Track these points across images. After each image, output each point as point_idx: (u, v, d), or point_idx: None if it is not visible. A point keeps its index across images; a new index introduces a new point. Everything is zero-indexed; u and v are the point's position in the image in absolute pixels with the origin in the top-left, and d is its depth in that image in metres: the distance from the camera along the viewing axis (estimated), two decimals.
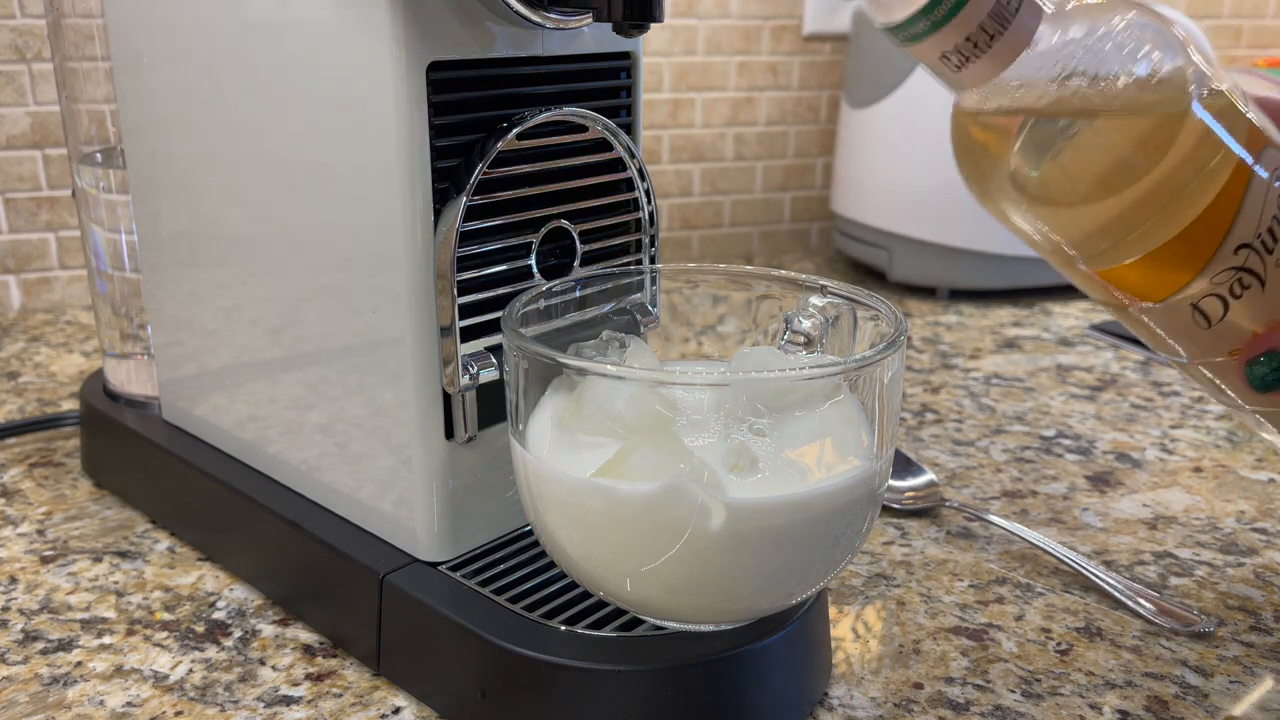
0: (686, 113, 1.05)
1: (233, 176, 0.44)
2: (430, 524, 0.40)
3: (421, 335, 0.38)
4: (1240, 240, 0.34)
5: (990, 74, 0.32)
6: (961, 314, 0.90)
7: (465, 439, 0.40)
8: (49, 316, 0.85)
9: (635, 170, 0.43)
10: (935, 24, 0.31)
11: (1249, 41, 1.25)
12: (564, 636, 0.36)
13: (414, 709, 0.39)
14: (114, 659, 0.41)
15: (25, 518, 0.53)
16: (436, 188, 0.37)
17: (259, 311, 0.45)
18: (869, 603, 0.46)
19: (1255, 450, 0.62)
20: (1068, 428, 0.65)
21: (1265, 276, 0.35)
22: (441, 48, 0.36)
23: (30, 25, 0.81)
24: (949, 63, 0.32)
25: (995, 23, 0.31)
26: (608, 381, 0.34)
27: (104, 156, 0.55)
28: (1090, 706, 0.39)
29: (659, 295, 0.44)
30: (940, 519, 0.53)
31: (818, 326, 0.39)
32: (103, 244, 0.56)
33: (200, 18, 0.43)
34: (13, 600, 0.45)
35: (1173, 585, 0.48)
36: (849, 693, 0.40)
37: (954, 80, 0.33)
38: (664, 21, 0.38)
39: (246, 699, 0.39)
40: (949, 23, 0.31)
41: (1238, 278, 0.35)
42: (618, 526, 0.33)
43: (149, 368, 0.56)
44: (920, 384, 0.73)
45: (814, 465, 0.33)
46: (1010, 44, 0.31)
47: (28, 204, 0.84)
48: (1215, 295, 0.35)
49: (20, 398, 0.68)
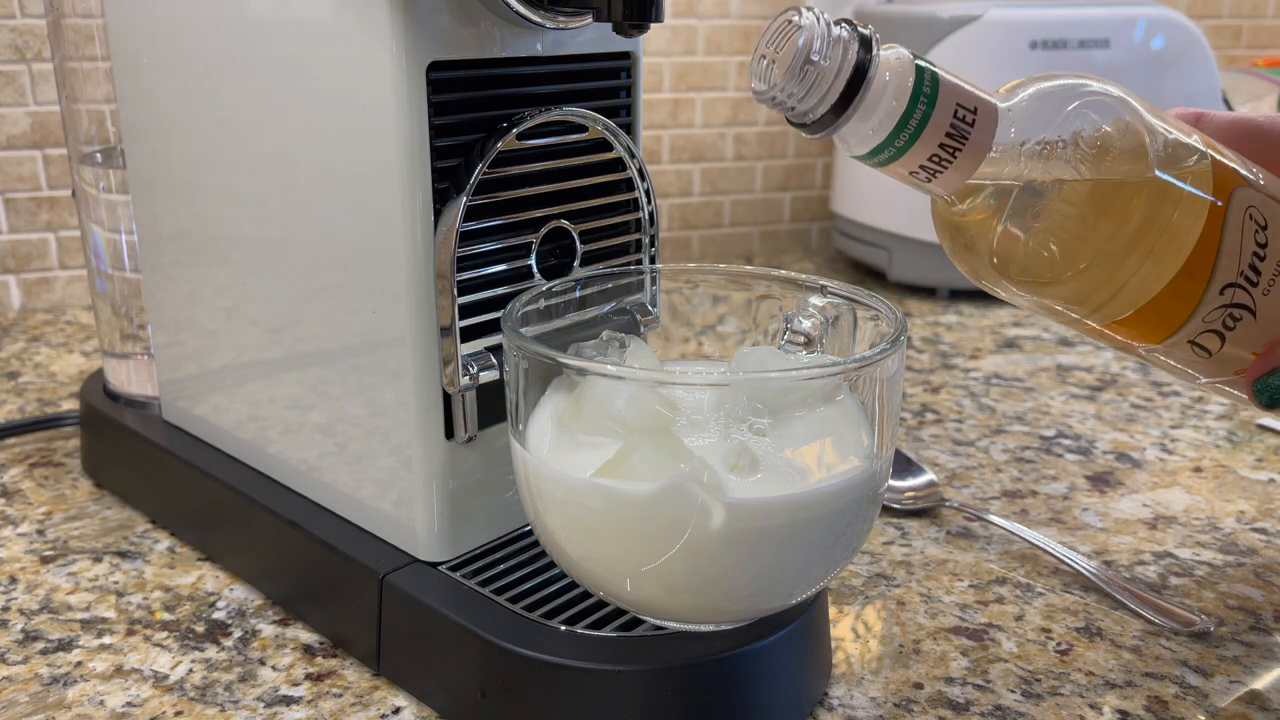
0: (686, 113, 1.05)
1: (233, 177, 0.44)
2: (430, 524, 0.40)
3: (421, 335, 0.38)
4: (1225, 281, 0.35)
5: (960, 181, 0.33)
6: (961, 314, 0.90)
7: (465, 439, 0.40)
8: (49, 316, 0.85)
9: (635, 170, 0.43)
10: (898, 151, 0.32)
11: (1249, 41, 1.25)
12: (564, 636, 0.36)
13: (414, 709, 0.39)
14: (114, 659, 0.41)
15: (25, 518, 0.53)
16: (436, 188, 0.37)
17: (259, 311, 0.45)
18: (869, 603, 0.46)
19: (1255, 450, 0.62)
20: (1068, 428, 0.65)
21: (1255, 307, 0.36)
22: (441, 48, 0.36)
23: (30, 25, 0.81)
24: (919, 177, 0.33)
25: (955, 139, 0.32)
26: (608, 381, 0.34)
27: (104, 156, 0.55)
28: (1090, 706, 0.39)
29: (659, 295, 0.44)
30: (940, 519, 0.53)
31: (818, 326, 0.39)
32: (103, 244, 0.56)
33: (200, 18, 0.43)
34: (13, 600, 0.45)
35: (1173, 585, 0.48)
36: (849, 693, 0.40)
37: (927, 190, 0.34)
38: (664, 21, 0.38)
39: (246, 699, 0.39)
40: (911, 148, 0.32)
41: (1228, 313, 0.36)
42: (618, 526, 0.33)
43: (149, 368, 0.56)
44: (920, 384, 0.73)
45: (814, 465, 0.33)
46: (972, 152, 0.33)
47: (28, 204, 0.84)
48: (1210, 331, 0.36)
49: (20, 398, 0.68)
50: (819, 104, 0.31)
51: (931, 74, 0.32)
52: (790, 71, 0.31)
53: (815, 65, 0.31)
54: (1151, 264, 0.34)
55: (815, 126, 0.32)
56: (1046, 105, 0.34)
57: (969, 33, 0.87)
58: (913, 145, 0.32)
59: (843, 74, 0.31)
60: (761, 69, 0.32)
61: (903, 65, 0.32)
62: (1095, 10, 0.88)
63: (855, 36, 0.31)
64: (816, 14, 0.31)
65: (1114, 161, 0.34)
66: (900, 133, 0.32)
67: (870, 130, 0.32)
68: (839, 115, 0.32)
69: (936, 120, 0.32)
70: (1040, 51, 0.87)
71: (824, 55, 0.31)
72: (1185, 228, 0.34)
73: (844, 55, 0.31)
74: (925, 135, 0.32)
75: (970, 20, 0.87)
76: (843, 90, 0.31)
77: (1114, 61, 0.88)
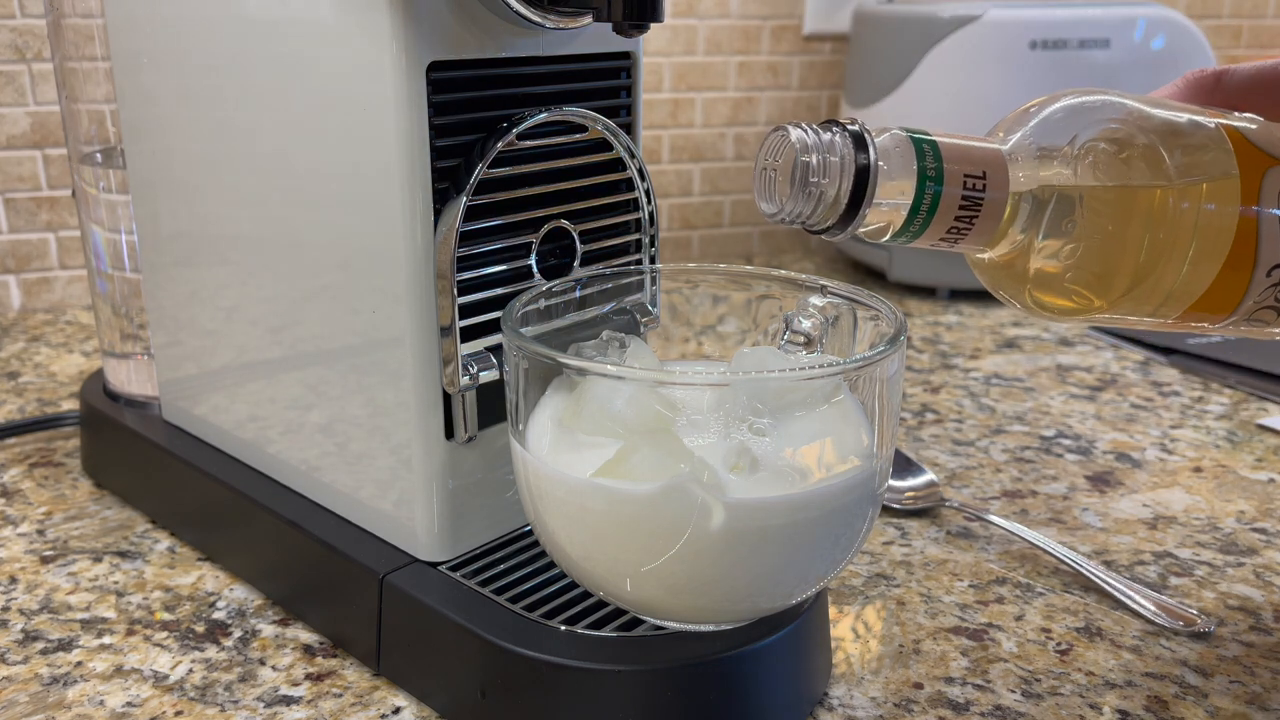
0: (686, 113, 1.05)
1: (233, 176, 0.44)
2: (430, 524, 0.40)
3: (421, 335, 0.38)
4: (1270, 263, 0.35)
5: (984, 240, 0.33)
6: (961, 314, 0.90)
7: (465, 439, 0.40)
8: (49, 316, 0.85)
9: (635, 170, 0.43)
10: (918, 232, 0.33)
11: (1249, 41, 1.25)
12: (564, 636, 0.36)
13: (414, 709, 0.39)
14: (114, 659, 0.41)
15: (25, 518, 0.53)
16: (436, 188, 0.37)
17: (259, 311, 0.45)
18: (869, 603, 0.46)
19: (1255, 450, 0.62)
20: (1068, 428, 0.65)
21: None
22: (441, 48, 0.36)
23: (30, 25, 0.81)
24: (943, 245, 0.34)
25: (970, 207, 0.32)
26: (608, 381, 0.34)
27: (104, 156, 0.55)
28: (1090, 706, 0.39)
29: (659, 295, 0.44)
30: (940, 519, 0.53)
31: (818, 326, 0.39)
32: (103, 244, 0.56)
33: (200, 17, 0.43)
34: (13, 600, 0.45)
35: (1173, 585, 0.48)
36: (849, 693, 0.40)
37: (957, 251, 0.35)
38: (664, 21, 0.38)
39: (246, 699, 0.39)
40: (930, 226, 0.32)
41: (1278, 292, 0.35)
42: (618, 526, 0.33)
43: (149, 368, 0.56)
44: (920, 384, 0.73)
45: (814, 465, 0.33)
46: (990, 212, 0.33)
47: (28, 204, 0.84)
48: (1267, 308, 0.36)
49: (20, 398, 0.68)
50: (829, 215, 0.32)
51: (932, 149, 0.32)
52: (795, 193, 0.31)
53: (816, 183, 0.31)
54: (1190, 271, 0.34)
55: (832, 232, 0.32)
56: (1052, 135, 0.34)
57: (969, 33, 0.87)
58: (930, 223, 0.32)
59: (846, 182, 0.31)
60: (767, 184, 0.32)
61: (901, 150, 0.32)
62: (1095, 10, 0.88)
63: (848, 138, 0.31)
64: (804, 127, 0.32)
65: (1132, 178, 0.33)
66: (915, 217, 0.32)
67: (887, 217, 0.32)
68: (851, 220, 0.32)
69: (948, 195, 0.32)
70: (1040, 51, 0.87)
71: (823, 169, 0.31)
72: (1217, 230, 0.34)
73: (842, 163, 0.31)
74: (940, 212, 0.32)
75: (970, 20, 0.87)
76: (849, 198, 0.31)
77: (1114, 61, 0.88)
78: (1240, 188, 0.34)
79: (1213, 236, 0.34)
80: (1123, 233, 0.33)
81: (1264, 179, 0.34)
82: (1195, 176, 0.34)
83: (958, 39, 0.87)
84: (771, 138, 0.32)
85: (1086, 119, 0.34)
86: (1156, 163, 0.33)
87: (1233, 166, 0.34)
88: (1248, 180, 0.34)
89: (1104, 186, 0.33)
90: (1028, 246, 0.34)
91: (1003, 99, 0.89)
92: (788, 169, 0.32)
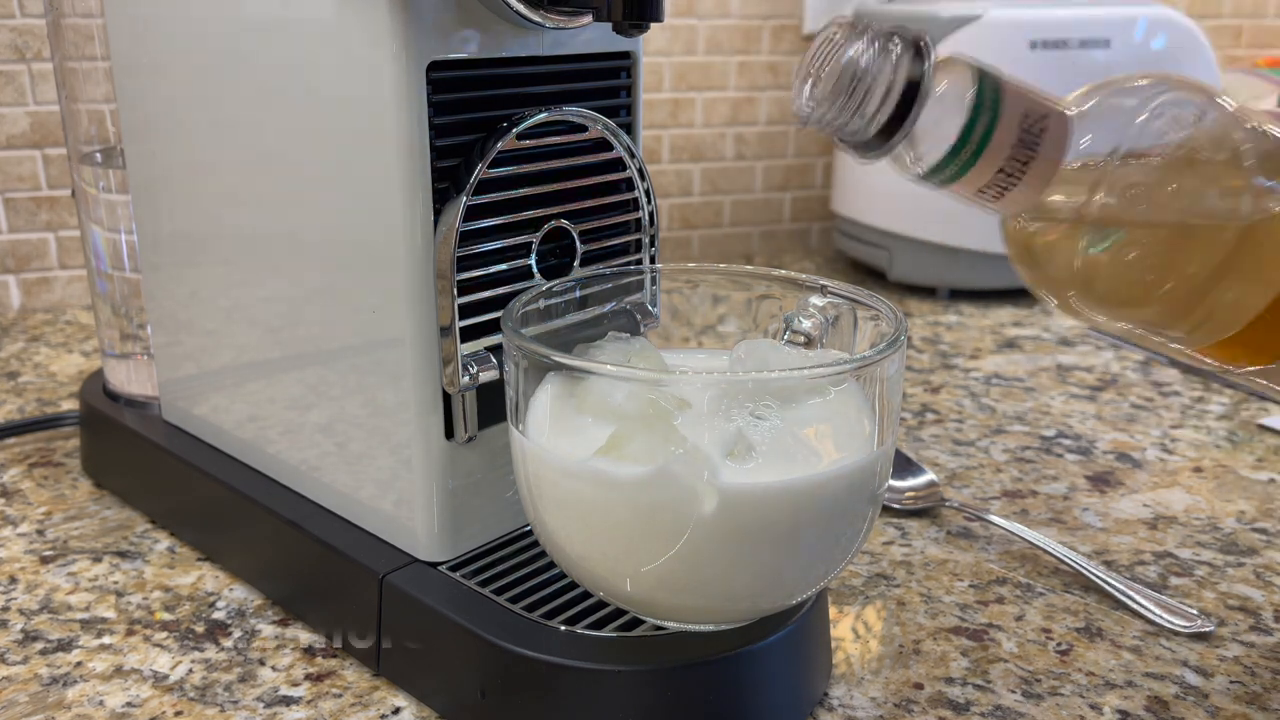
0: (686, 113, 1.05)
1: (233, 176, 0.44)
2: (430, 524, 0.40)
3: (421, 335, 0.38)
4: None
5: (1032, 197, 0.30)
6: (961, 314, 0.90)
7: (465, 439, 0.40)
8: (49, 316, 0.85)
9: (635, 170, 0.43)
10: (962, 168, 0.30)
11: (1249, 41, 1.25)
12: (564, 636, 0.36)
13: (414, 709, 0.39)
14: (114, 659, 0.41)
15: (25, 518, 0.53)
16: (436, 188, 0.37)
17: (259, 311, 0.45)
18: (869, 603, 0.46)
19: (1255, 450, 0.62)
20: (1068, 428, 0.65)
21: None
22: (441, 48, 0.36)
23: (30, 25, 0.81)
24: (986, 195, 0.31)
25: (1025, 148, 0.30)
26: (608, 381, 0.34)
27: (104, 156, 0.55)
28: (1090, 706, 0.39)
29: (659, 295, 0.44)
30: (940, 519, 0.53)
31: (818, 326, 0.39)
32: (103, 244, 0.56)
33: (200, 18, 0.43)
34: (13, 600, 0.45)
35: (1173, 585, 0.48)
36: (849, 693, 0.40)
37: (996, 208, 0.32)
38: (664, 21, 0.38)
39: (246, 699, 0.39)
40: (976, 164, 0.30)
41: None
42: (613, 509, 0.33)
43: (149, 368, 0.56)
44: (920, 384, 0.73)
45: (811, 454, 0.33)
46: (1043, 166, 0.30)
47: (28, 204, 0.84)
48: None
49: (20, 398, 0.68)
50: (870, 122, 0.29)
51: (994, 82, 0.30)
52: (837, 88, 0.29)
53: (864, 80, 0.28)
54: (1251, 282, 0.31)
55: (868, 147, 0.30)
56: (1124, 110, 0.31)
57: (969, 33, 0.87)
58: (977, 161, 0.30)
59: (895, 88, 0.29)
60: (806, 89, 0.30)
61: (961, 74, 0.29)
62: (1095, 10, 0.88)
63: (908, 45, 0.29)
64: (864, 23, 0.29)
65: (1203, 172, 0.30)
66: (963, 148, 0.29)
67: (930, 147, 0.30)
68: (893, 134, 0.29)
69: (1002, 133, 0.29)
70: (1040, 51, 0.86)
71: (873, 69, 0.28)
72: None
73: (895, 68, 0.29)
74: (990, 150, 0.29)
75: (970, 20, 0.87)
76: (895, 106, 0.29)
77: (1114, 61, 0.88)
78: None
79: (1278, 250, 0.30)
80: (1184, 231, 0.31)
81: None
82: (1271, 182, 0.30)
83: (958, 39, 0.87)
84: (821, 36, 0.29)
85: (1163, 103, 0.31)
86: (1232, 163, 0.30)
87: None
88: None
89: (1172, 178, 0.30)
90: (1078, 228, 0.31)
91: None
92: (832, 78, 0.29)
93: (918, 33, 0.29)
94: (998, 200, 0.31)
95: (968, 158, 0.30)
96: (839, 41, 0.29)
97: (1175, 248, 0.31)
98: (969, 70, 0.30)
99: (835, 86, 0.29)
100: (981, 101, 0.29)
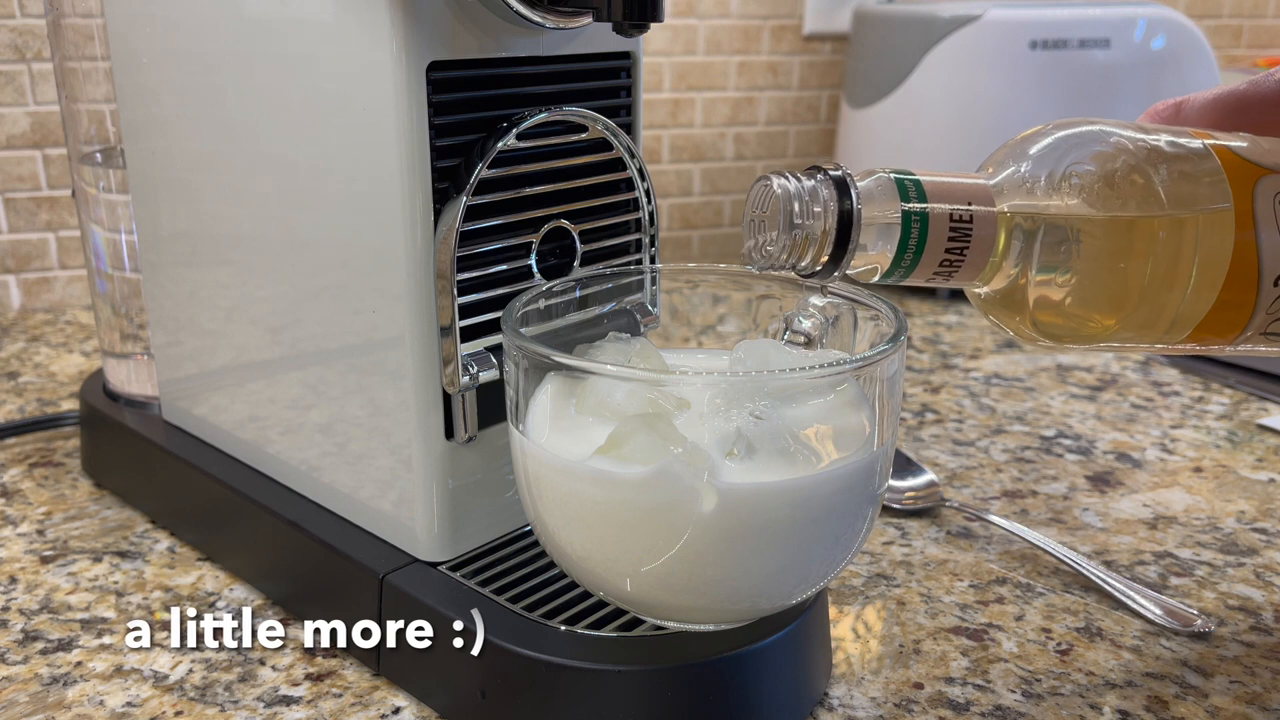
0: (686, 113, 1.05)
1: (233, 176, 0.44)
2: (430, 524, 0.40)
3: (421, 335, 0.38)
4: (1276, 273, 0.34)
5: (977, 274, 0.34)
6: (961, 314, 0.89)
7: (465, 439, 0.40)
8: (49, 316, 0.85)
9: (635, 170, 0.43)
10: (908, 270, 0.33)
11: (1249, 41, 1.25)
12: (564, 636, 0.36)
13: (414, 709, 0.39)
14: (114, 659, 0.41)
15: (25, 518, 0.53)
16: (436, 188, 0.37)
17: (259, 311, 0.45)
18: (869, 603, 0.46)
19: (1255, 450, 0.62)
20: (1068, 428, 0.65)
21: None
22: (441, 48, 0.36)
23: (30, 25, 0.81)
24: (938, 280, 0.34)
25: (958, 242, 0.33)
26: (608, 381, 0.34)
27: (104, 156, 0.55)
28: (1090, 706, 0.39)
29: (659, 295, 0.44)
30: (940, 519, 0.53)
31: (818, 326, 0.39)
32: (103, 244, 0.56)
33: (200, 17, 0.43)
34: (13, 600, 0.45)
35: (1173, 585, 0.48)
36: (849, 693, 0.40)
37: (951, 285, 0.35)
38: (664, 21, 0.38)
39: (246, 699, 0.39)
40: (919, 263, 0.33)
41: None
42: (612, 510, 0.33)
43: (149, 368, 0.56)
44: (920, 384, 0.73)
45: (811, 454, 0.33)
46: (980, 247, 0.33)
47: (28, 204, 0.84)
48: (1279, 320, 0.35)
49: (20, 398, 0.68)
50: (815, 260, 0.32)
51: (916, 187, 0.33)
52: (780, 240, 0.32)
53: (801, 227, 0.32)
54: (1194, 291, 0.34)
55: (821, 275, 0.33)
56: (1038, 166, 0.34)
57: (969, 33, 0.87)
58: (920, 260, 0.33)
59: (830, 229, 0.32)
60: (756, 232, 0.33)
61: (885, 191, 0.32)
62: (1095, 10, 0.88)
63: (830, 184, 0.32)
64: (787, 177, 0.32)
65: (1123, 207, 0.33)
66: (903, 255, 0.32)
67: (877, 257, 0.33)
68: (839, 264, 0.32)
69: (934, 234, 0.32)
70: (1040, 51, 0.86)
71: (807, 215, 0.32)
72: (1217, 246, 0.33)
73: (826, 209, 0.32)
74: (929, 248, 0.32)
75: (970, 20, 0.87)
76: (835, 241, 0.32)
77: (1114, 61, 0.88)
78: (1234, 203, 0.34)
79: (1212, 254, 0.33)
80: (1120, 262, 0.33)
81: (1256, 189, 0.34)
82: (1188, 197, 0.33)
83: (958, 39, 0.87)
84: (756, 188, 0.33)
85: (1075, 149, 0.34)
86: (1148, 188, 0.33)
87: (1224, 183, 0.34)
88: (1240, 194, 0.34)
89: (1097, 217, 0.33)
90: (1024, 279, 0.34)
91: (1003, 99, 0.89)
92: (774, 218, 0.32)
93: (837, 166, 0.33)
94: (949, 280, 0.34)
95: (909, 262, 0.33)
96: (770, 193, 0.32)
97: (1117, 277, 0.33)
98: (892, 185, 0.33)
99: (779, 234, 0.32)
100: (910, 214, 0.32)
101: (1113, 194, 0.33)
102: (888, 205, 0.32)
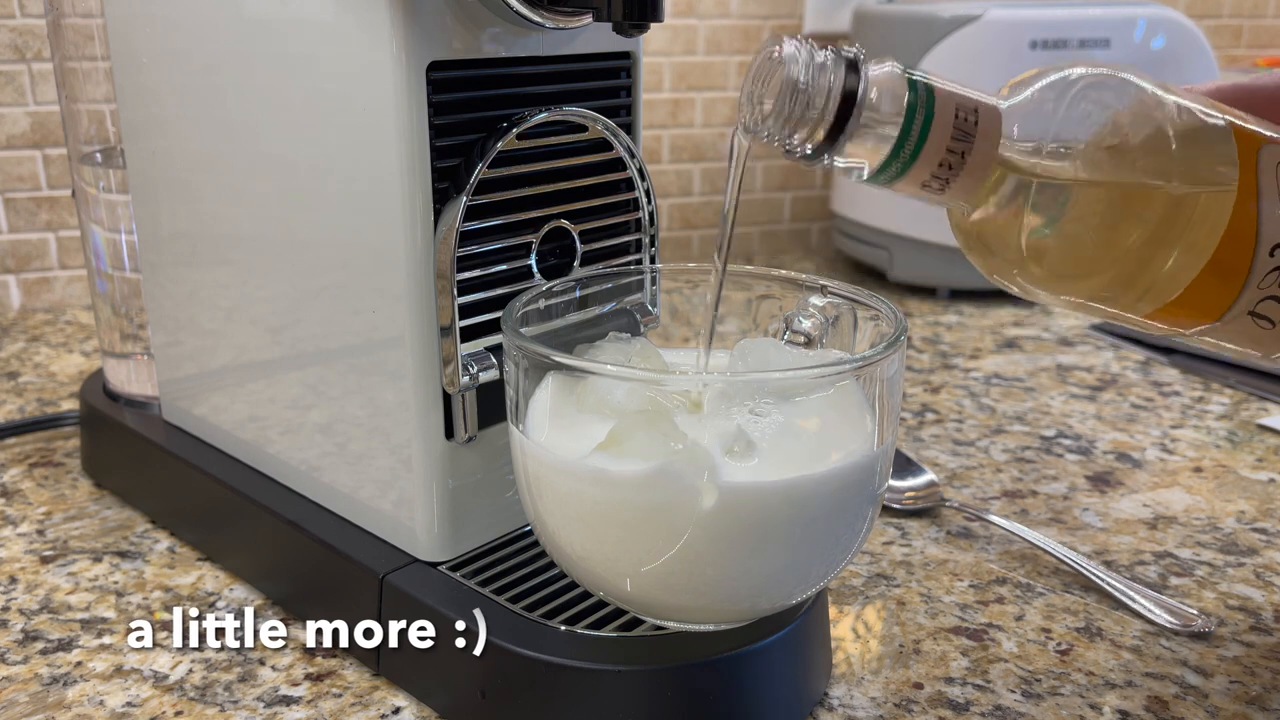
0: (686, 113, 1.05)
1: (233, 176, 0.44)
2: (430, 524, 0.40)
3: (421, 335, 0.38)
4: (1272, 242, 0.34)
5: (973, 188, 0.33)
6: (961, 314, 0.90)
7: (465, 439, 0.40)
8: (49, 316, 0.85)
9: (635, 170, 0.43)
10: (904, 166, 0.32)
11: (1249, 41, 1.25)
12: (564, 636, 0.36)
13: (414, 709, 0.39)
14: (114, 659, 0.41)
15: (25, 518, 0.53)
16: (436, 188, 0.37)
17: (259, 311, 0.45)
18: (869, 603, 0.46)
19: (1255, 450, 0.62)
20: (1068, 428, 0.65)
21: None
22: (441, 48, 0.36)
23: (30, 25, 0.81)
24: (930, 189, 0.33)
25: (960, 143, 0.32)
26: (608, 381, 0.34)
27: (104, 156, 0.55)
28: (1090, 706, 0.39)
29: (659, 295, 0.44)
30: (940, 519, 0.53)
31: (818, 326, 0.39)
32: (103, 244, 0.56)
33: (200, 18, 0.43)
34: (13, 600, 0.45)
35: (1173, 585, 0.48)
36: (849, 693, 0.40)
37: (940, 202, 0.34)
38: (664, 21, 0.38)
39: (246, 699, 0.39)
40: (917, 160, 0.32)
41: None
42: (612, 509, 0.33)
43: (149, 368, 0.56)
44: (920, 384, 0.73)
45: (811, 453, 0.33)
46: (980, 155, 0.32)
47: (28, 204, 0.84)
48: (1270, 298, 0.35)
49: (20, 398, 0.68)
50: (812, 134, 0.31)
51: (925, 84, 0.32)
52: (779, 107, 0.31)
53: (804, 95, 0.30)
54: (1193, 237, 0.33)
55: (812, 156, 0.32)
56: (1051, 98, 0.33)
57: (969, 33, 0.87)
58: (918, 157, 0.32)
59: (833, 101, 0.31)
60: (750, 107, 0.32)
61: (894, 80, 0.31)
62: (1095, 10, 0.88)
63: (841, 60, 0.31)
64: (798, 43, 0.31)
65: (1132, 148, 0.32)
66: (902, 148, 0.31)
67: (872, 151, 0.32)
68: (834, 142, 0.31)
69: (937, 128, 0.31)
70: (1040, 51, 0.86)
71: (811, 85, 0.30)
72: (1218, 202, 0.33)
73: (832, 82, 0.31)
74: (929, 145, 0.31)
75: (970, 20, 0.87)
76: (834, 117, 0.31)
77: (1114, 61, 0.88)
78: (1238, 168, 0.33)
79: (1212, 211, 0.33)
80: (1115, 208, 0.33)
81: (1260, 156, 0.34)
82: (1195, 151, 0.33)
83: (958, 39, 0.87)
84: (760, 58, 0.31)
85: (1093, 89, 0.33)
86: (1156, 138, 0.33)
87: (1232, 145, 0.33)
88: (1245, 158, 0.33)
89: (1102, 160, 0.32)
90: (1019, 212, 0.33)
91: None
92: (775, 88, 0.31)
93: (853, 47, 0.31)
94: (941, 193, 0.33)
95: (908, 156, 0.31)
96: (777, 62, 0.31)
97: (1110, 224, 0.33)
98: (901, 75, 0.31)
99: (778, 102, 0.31)
100: (915, 101, 0.31)
101: (1120, 141, 0.32)
102: (894, 91, 0.31)
